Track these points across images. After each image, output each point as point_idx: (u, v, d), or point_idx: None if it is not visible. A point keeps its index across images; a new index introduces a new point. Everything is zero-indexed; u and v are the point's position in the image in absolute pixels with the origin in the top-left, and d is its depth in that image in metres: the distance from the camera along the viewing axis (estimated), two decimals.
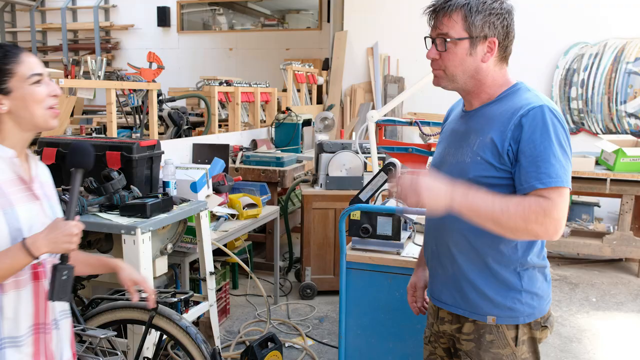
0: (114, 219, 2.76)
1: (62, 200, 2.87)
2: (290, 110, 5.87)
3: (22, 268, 1.51)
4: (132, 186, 3.03)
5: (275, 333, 3.38)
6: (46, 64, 11.76)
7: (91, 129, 7.17)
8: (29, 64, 1.56)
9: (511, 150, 1.62)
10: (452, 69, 1.69)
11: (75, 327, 2.20)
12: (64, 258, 1.56)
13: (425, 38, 1.75)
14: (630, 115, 6.83)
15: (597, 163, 5.48)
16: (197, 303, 3.25)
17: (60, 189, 3.09)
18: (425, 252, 1.95)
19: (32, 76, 1.55)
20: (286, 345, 3.83)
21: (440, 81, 1.74)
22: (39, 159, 1.74)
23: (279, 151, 5.55)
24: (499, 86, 1.73)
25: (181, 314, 2.58)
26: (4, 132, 1.58)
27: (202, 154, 4.66)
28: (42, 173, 1.72)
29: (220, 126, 6.46)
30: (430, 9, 1.70)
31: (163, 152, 3.33)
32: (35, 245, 1.47)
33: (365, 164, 4.48)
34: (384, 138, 6.13)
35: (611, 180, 5.22)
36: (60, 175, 3.27)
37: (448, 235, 1.77)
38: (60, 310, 1.71)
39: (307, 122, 6.21)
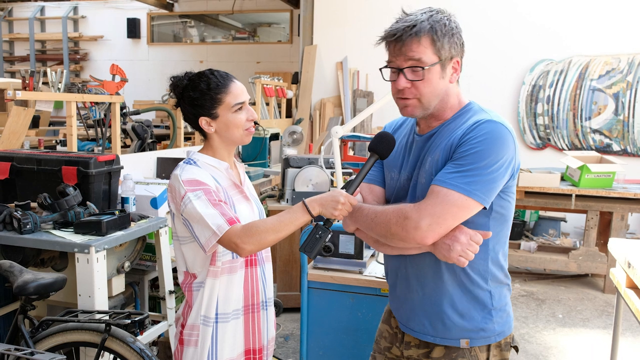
0: (68, 236, 2.67)
1: (13, 217, 2.78)
2: (258, 124, 5.78)
3: (300, 225, 1.75)
4: (88, 202, 2.94)
5: None
6: (12, 74, 11.53)
7: (55, 141, 7.04)
8: (235, 93, 1.88)
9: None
10: (429, 96, 1.60)
11: (22, 350, 2.12)
12: (327, 222, 1.72)
13: (381, 69, 1.68)
14: (594, 131, 6.93)
15: (562, 179, 5.54)
16: (156, 322, 3.16)
17: (14, 204, 2.98)
18: (391, 278, 1.86)
19: (235, 105, 1.88)
20: None
21: (415, 110, 1.64)
22: (244, 165, 2.10)
23: (246, 165, 5.48)
24: (457, 104, 1.69)
25: (136, 335, 2.49)
26: (213, 147, 1.96)
27: (167, 168, 4.55)
28: (246, 177, 2.09)
29: (188, 139, 6.37)
30: (394, 37, 1.58)
31: (122, 167, 3.23)
32: (311, 205, 1.73)
33: (332, 180, 4.44)
34: (351, 154, 6.11)
35: (576, 196, 5.28)
36: (14, 191, 3.16)
37: (423, 256, 1.68)
38: (269, 297, 2.03)
39: (275, 136, 6.15)
